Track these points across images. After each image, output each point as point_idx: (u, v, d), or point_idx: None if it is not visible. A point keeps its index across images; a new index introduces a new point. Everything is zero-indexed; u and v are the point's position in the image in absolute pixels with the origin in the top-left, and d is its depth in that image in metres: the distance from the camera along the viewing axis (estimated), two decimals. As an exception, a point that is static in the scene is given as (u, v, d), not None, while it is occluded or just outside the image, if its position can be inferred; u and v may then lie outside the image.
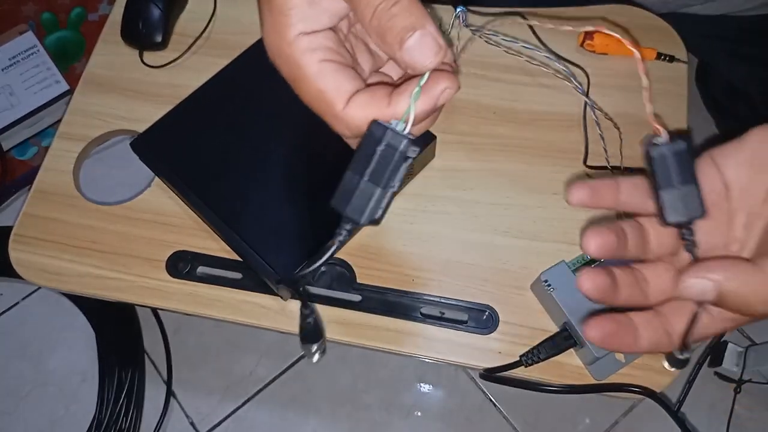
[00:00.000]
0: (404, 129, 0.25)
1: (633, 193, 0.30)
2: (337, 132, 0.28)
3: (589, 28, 0.30)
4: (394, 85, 0.27)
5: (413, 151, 0.25)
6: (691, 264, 0.28)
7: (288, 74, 0.28)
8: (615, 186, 0.30)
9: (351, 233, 0.27)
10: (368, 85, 0.27)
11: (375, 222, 0.26)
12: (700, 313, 0.28)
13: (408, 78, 0.27)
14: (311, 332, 0.33)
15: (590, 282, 0.28)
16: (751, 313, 0.27)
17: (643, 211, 0.30)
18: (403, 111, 0.25)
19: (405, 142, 0.25)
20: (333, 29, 0.28)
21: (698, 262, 0.27)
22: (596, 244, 0.28)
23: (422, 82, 0.25)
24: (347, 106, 0.26)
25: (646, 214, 0.30)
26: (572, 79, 0.49)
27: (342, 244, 0.27)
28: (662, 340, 0.30)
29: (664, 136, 0.27)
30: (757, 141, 0.29)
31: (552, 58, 0.46)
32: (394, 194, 0.26)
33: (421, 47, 0.24)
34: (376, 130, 0.25)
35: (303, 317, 0.33)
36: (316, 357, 0.34)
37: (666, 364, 0.42)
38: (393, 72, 0.32)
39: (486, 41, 0.54)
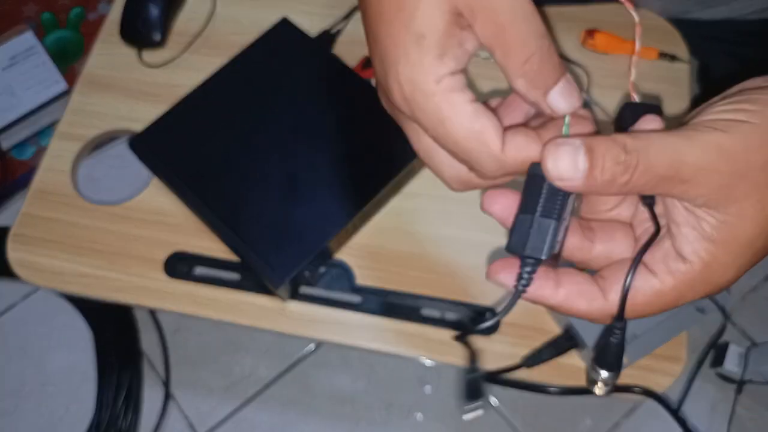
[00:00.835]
0: None
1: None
2: (480, 170, 0.28)
3: None
4: (533, 127, 0.29)
5: None
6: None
7: (430, 113, 0.28)
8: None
9: (533, 274, 0.27)
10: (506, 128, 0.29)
11: (556, 257, 0.27)
12: (633, 272, 0.26)
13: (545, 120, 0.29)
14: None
15: (493, 202, 0.28)
16: (678, 176, 0.24)
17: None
18: None
19: None
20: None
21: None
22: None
23: (568, 120, 0.28)
24: (506, 147, 0.27)
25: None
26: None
27: (525, 288, 0.27)
28: (591, 293, 0.27)
29: (638, 99, 0.31)
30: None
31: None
32: (567, 228, 0.27)
33: (566, 94, 0.27)
34: (538, 169, 0.26)
35: (470, 371, 0.32)
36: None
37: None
38: None
39: None
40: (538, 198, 0.26)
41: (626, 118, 0.28)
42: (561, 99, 0.27)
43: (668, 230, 0.27)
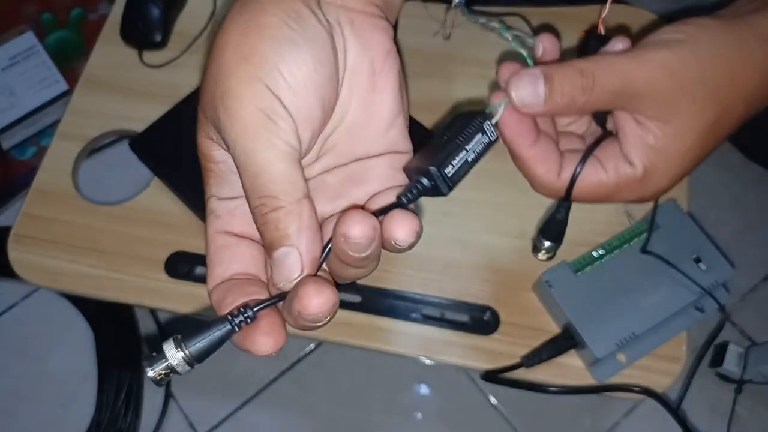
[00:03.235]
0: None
1: None
2: None
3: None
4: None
5: None
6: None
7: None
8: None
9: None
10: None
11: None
12: (585, 161, 0.29)
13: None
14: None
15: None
16: (603, 89, 0.27)
17: None
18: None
19: None
20: None
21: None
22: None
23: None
24: (212, 290, 0.26)
25: None
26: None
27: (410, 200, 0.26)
28: (552, 164, 0.30)
29: (602, 30, 0.33)
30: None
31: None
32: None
33: (283, 264, 0.23)
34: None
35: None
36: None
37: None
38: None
39: (477, 23, 0.54)
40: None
41: (591, 46, 0.31)
42: (276, 268, 0.23)
43: (617, 137, 0.30)
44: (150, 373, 0.23)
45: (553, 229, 0.33)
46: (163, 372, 0.23)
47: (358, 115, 0.26)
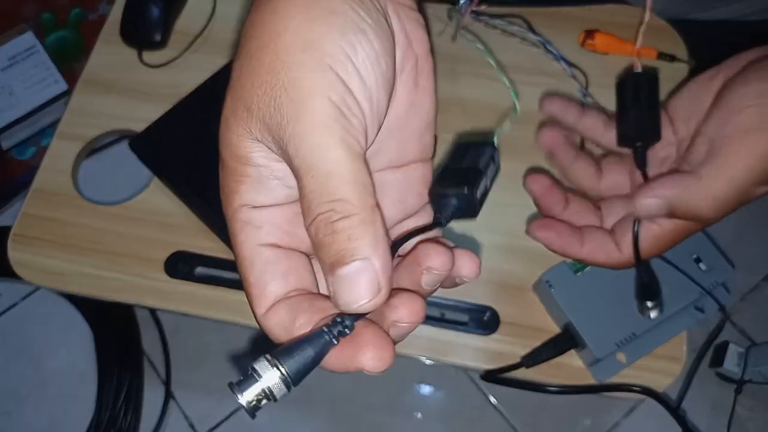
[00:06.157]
0: None
1: (595, 122, 0.36)
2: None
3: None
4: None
5: None
6: (642, 185, 0.32)
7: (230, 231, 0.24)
8: (581, 110, 0.37)
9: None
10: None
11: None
12: (639, 223, 0.33)
13: None
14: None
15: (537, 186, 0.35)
16: (699, 217, 0.31)
17: (598, 140, 0.37)
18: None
19: None
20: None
21: (648, 183, 0.32)
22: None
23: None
24: (268, 312, 0.22)
25: (603, 145, 0.37)
26: (563, 62, 0.49)
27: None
28: (608, 247, 0.33)
29: (638, 68, 0.35)
30: (695, 86, 0.36)
31: (547, 43, 0.46)
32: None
33: (354, 282, 0.19)
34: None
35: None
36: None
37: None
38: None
39: (485, 24, 0.54)
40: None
41: (627, 85, 0.34)
42: (345, 287, 0.20)
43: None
44: (242, 400, 0.20)
45: (648, 290, 0.37)
46: (258, 397, 0.20)
47: (399, 116, 0.24)
